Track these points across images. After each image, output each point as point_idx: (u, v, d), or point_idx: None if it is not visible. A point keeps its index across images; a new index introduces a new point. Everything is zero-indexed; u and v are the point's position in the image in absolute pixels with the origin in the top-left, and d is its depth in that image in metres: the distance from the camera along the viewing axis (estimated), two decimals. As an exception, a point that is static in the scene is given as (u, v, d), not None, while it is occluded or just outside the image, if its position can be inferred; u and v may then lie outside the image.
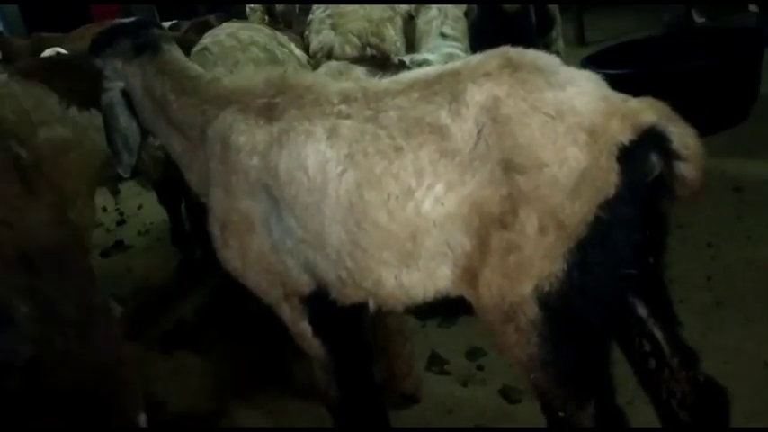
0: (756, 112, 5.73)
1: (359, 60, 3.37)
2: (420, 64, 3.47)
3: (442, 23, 3.92)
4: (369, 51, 3.54)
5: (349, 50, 3.49)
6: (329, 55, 3.51)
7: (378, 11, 3.83)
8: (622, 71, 5.41)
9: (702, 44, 6.11)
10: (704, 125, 2.00)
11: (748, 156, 5.05)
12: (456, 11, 3.98)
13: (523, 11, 4.18)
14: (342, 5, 3.80)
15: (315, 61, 3.82)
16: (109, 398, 2.31)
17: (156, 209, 6.00)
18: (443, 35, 3.86)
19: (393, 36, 3.71)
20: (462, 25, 3.94)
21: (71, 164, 3.33)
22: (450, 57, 3.71)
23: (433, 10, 3.96)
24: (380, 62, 3.37)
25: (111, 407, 2.31)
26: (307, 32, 4.12)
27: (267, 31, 4.53)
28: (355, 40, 3.53)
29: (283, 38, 4.43)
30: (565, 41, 5.33)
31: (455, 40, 3.84)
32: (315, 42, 3.70)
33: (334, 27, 3.66)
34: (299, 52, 4.35)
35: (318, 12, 3.91)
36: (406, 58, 3.52)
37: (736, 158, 4.93)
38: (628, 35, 7.98)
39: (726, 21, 8.18)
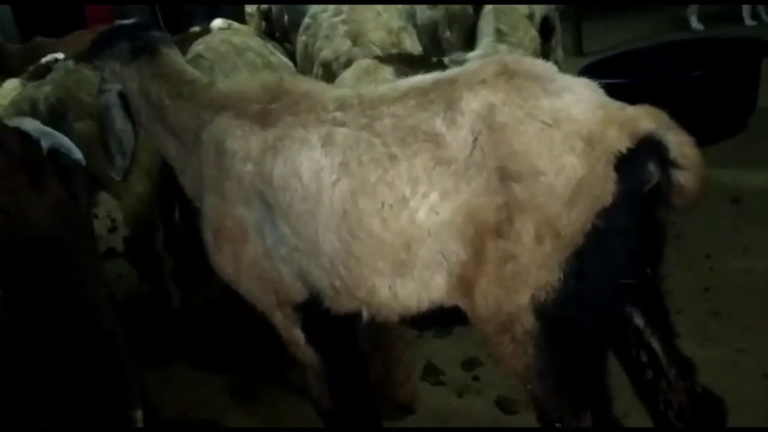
0: (754, 123, 5.72)
1: (390, 59, 3.30)
2: (460, 63, 3.45)
3: (497, 19, 3.92)
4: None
5: None
6: (347, 66, 3.42)
7: (395, 19, 3.77)
8: (620, 81, 5.40)
9: (701, 54, 6.11)
10: (701, 136, 1.98)
11: (746, 167, 5.04)
12: (515, 6, 3.98)
13: None
14: (357, 11, 3.70)
15: (324, 70, 3.72)
16: (102, 393, 2.31)
17: (150, 215, 5.96)
18: (498, 31, 3.84)
19: (410, 47, 3.65)
20: (515, 20, 3.93)
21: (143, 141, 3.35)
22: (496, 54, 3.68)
23: (489, 6, 3.97)
24: (414, 62, 3.32)
25: (101, 401, 2.31)
26: (303, 37, 4.04)
27: (256, 37, 4.55)
28: (378, 51, 3.43)
29: (269, 45, 4.45)
30: (563, 51, 5.33)
31: (508, 35, 3.83)
32: (328, 51, 3.57)
33: (351, 36, 3.54)
34: (285, 60, 4.34)
35: (326, 15, 3.80)
36: (446, 58, 3.49)
37: (733, 169, 4.92)
38: (626, 45, 7.99)
39: (723, 30, 8.19)
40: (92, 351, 2.26)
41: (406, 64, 3.10)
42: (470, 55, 3.57)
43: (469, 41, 4.62)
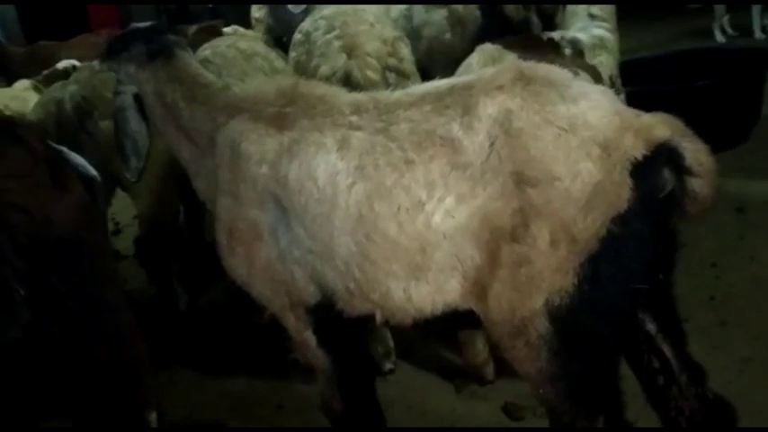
0: (758, 132, 5.75)
1: (513, 45, 3.31)
2: (571, 41, 3.47)
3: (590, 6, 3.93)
4: (388, 75, 3.50)
5: (370, 74, 3.40)
6: (345, 81, 3.43)
7: (388, 29, 3.78)
8: (625, 89, 5.41)
9: (706, 64, 6.13)
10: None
11: (751, 176, 5.07)
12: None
13: (527, 19, 4.20)
14: (350, 25, 3.71)
15: None
16: (117, 394, 2.32)
17: (153, 218, 5.95)
18: (592, 15, 3.86)
19: (409, 56, 3.66)
20: (610, 7, 3.97)
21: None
22: (601, 39, 3.71)
23: None
24: (530, 43, 3.36)
25: (119, 403, 2.32)
26: (294, 54, 4.05)
27: (262, 43, 4.56)
28: (374, 62, 3.43)
29: (275, 52, 4.47)
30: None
31: (603, 20, 3.85)
32: (326, 68, 3.56)
33: (347, 50, 3.56)
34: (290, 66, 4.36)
35: (318, 33, 3.82)
36: (556, 36, 3.51)
37: (738, 179, 4.94)
38: (629, 54, 8.01)
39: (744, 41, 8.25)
40: (111, 353, 2.27)
41: (525, 48, 3.12)
42: (580, 35, 3.58)
43: (474, 44, 4.61)
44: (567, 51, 3.41)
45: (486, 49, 3.27)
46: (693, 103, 5.41)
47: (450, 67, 3.69)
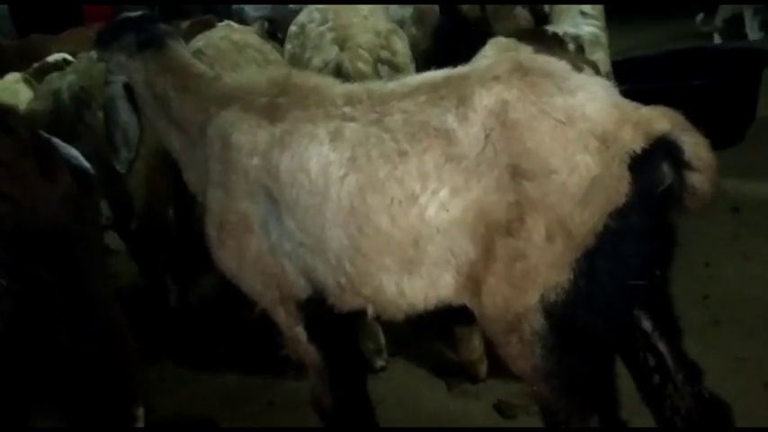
0: (754, 132, 5.74)
1: (525, 38, 3.30)
2: (573, 37, 3.47)
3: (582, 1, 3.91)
4: (381, 68, 3.46)
5: (361, 66, 3.37)
6: (336, 73, 3.40)
7: (382, 22, 3.76)
8: (618, 88, 5.38)
9: (701, 63, 6.12)
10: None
11: (746, 176, 5.05)
12: None
13: (484, 17, 4.18)
14: (343, 17, 3.69)
15: None
16: (105, 389, 2.28)
17: (145, 213, 5.90)
18: (583, 13, 3.84)
19: (403, 49, 3.63)
20: (600, 6, 3.95)
21: None
22: (595, 36, 3.72)
23: None
24: (539, 37, 3.35)
25: (107, 398, 2.28)
26: (289, 46, 4.02)
27: (255, 35, 4.52)
28: (366, 55, 3.41)
29: (269, 45, 4.43)
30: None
31: (594, 18, 3.83)
32: (318, 59, 3.54)
33: (339, 42, 3.53)
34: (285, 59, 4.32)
35: (313, 25, 3.79)
36: (560, 31, 3.51)
37: (734, 178, 4.91)
38: (625, 53, 8.00)
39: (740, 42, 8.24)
40: (99, 347, 2.24)
41: (534, 41, 3.12)
42: (579, 31, 3.59)
43: (435, 40, 4.57)
44: (571, 46, 3.40)
45: (501, 41, 3.24)
46: (689, 103, 5.36)
47: (416, 62, 3.71)
